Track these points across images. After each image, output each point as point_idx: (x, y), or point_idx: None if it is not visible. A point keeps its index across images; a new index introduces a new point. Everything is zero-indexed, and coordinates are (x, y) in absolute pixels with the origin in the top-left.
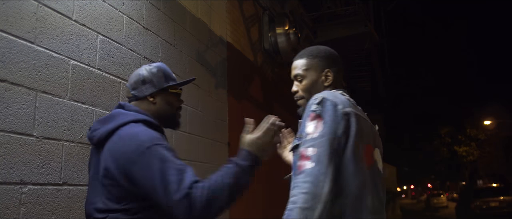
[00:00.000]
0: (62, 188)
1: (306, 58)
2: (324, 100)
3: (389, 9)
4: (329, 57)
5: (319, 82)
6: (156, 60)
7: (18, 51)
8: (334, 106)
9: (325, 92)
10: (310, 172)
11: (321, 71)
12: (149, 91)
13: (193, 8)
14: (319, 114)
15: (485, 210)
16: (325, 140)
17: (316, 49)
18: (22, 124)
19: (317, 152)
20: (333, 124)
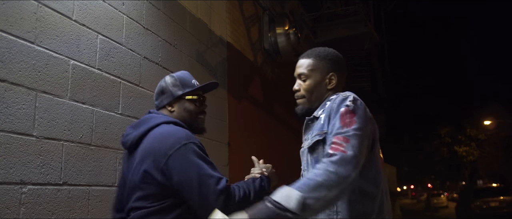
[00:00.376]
0: (62, 188)
1: (313, 58)
2: (355, 99)
3: (389, 9)
4: (336, 60)
5: (322, 85)
6: (156, 60)
7: (18, 51)
8: (364, 107)
9: (349, 93)
10: (342, 155)
11: (326, 74)
12: (167, 101)
13: (193, 8)
14: (352, 110)
15: (485, 210)
16: (359, 134)
17: (324, 51)
18: (22, 124)
19: (352, 142)
20: (365, 122)
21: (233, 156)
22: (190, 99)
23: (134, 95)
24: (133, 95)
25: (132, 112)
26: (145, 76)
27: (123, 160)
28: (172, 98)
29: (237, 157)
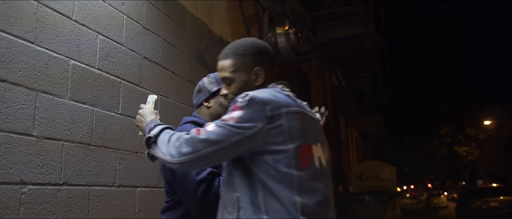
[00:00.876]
0: (62, 188)
1: (232, 58)
2: (252, 96)
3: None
4: (257, 53)
5: (249, 83)
6: (156, 60)
7: (18, 51)
8: (262, 105)
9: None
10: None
11: (251, 71)
12: (204, 97)
13: (193, 8)
14: (241, 106)
15: (485, 210)
16: (229, 128)
17: (242, 46)
18: (22, 124)
19: (215, 131)
20: (247, 121)
21: None
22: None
23: (134, 95)
24: (133, 95)
25: (132, 111)
26: (145, 76)
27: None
28: (209, 95)
29: None
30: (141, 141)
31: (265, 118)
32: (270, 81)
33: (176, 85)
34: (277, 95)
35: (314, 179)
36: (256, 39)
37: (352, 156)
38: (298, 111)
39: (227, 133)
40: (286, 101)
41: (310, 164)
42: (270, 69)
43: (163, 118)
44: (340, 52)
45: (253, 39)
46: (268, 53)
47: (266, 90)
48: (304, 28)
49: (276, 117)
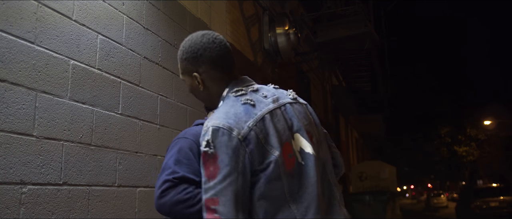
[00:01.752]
0: (62, 188)
1: (178, 60)
2: (214, 131)
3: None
4: (191, 57)
5: (196, 89)
6: (156, 60)
7: (18, 51)
8: (228, 135)
9: (216, 113)
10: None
11: (191, 76)
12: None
13: (193, 8)
14: (212, 153)
15: (485, 210)
16: (227, 183)
17: (183, 48)
18: (22, 124)
19: (222, 202)
20: (232, 159)
21: None
22: None
23: (134, 95)
24: (133, 95)
25: (132, 111)
26: (145, 76)
27: None
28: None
29: None
30: (141, 141)
31: (240, 144)
32: (223, 84)
33: (176, 85)
34: (236, 111)
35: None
36: (199, 38)
37: (352, 156)
38: (263, 114)
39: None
40: (245, 113)
41: (296, 161)
42: (215, 74)
43: (163, 118)
44: (340, 52)
45: (192, 38)
46: (207, 56)
47: (220, 112)
48: (304, 28)
49: (247, 135)
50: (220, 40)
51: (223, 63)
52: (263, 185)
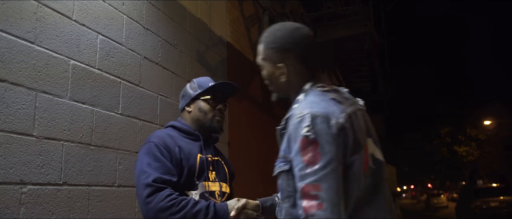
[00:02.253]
0: (62, 188)
1: (263, 45)
2: (313, 118)
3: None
4: (283, 47)
5: (275, 77)
6: (156, 60)
7: (18, 51)
8: (327, 123)
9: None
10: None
11: (275, 65)
12: (185, 102)
13: (193, 8)
14: (313, 139)
15: (485, 210)
16: (329, 170)
17: (273, 35)
18: (22, 124)
19: (325, 188)
20: (333, 146)
21: (233, 156)
22: (204, 99)
23: (134, 95)
24: (133, 95)
25: (132, 111)
26: (145, 76)
27: None
28: (189, 100)
29: (237, 157)
30: (141, 141)
31: (337, 133)
32: (305, 79)
33: (176, 85)
34: (327, 104)
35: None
36: (290, 29)
37: None
38: (350, 111)
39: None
40: (336, 107)
41: (368, 164)
42: (300, 68)
43: (163, 118)
44: (340, 52)
45: (285, 29)
46: (298, 49)
47: (313, 102)
48: None
49: (342, 126)
50: (312, 36)
51: (311, 59)
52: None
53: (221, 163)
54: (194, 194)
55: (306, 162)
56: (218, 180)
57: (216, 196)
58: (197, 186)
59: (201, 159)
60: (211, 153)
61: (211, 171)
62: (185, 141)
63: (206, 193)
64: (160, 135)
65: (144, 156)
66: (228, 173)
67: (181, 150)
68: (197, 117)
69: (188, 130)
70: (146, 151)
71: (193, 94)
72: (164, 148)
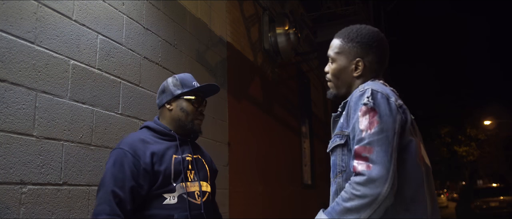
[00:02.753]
0: (62, 188)
1: (342, 39)
2: (374, 92)
3: (389, 9)
4: (367, 44)
5: (347, 71)
6: (156, 60)
7: (18, 51)
8: (386, 99)
9: (370, 83)
10: (369, 174)
11: (353, 59)
12: (166, 99)
13: (193, 8)
14: (372, 107)
15: (485, 210)
16: (384, 136)
17: (356, 32)
18: (22, 124)
19: (376, 151)
20: (390, 118)
21: (233, 156)
22: (188, 99)
23: (134, 95)
24: (133, 95)
25: (132, 112)
26: (145, 76)
27: None
28: (171, 97)
29: (237, 157)
30: None
31: (396, 108)
32: (369, 77)
33: None
34: (387, 89)
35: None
36: (377, 31)
37: None
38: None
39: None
40: (394, 95)
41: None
42: (374, 67)
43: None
44: None
45: (373, 31)
46: (379, 49)
47: (375, 83)
48: (304, 28)
49: (399, 108)
50: (387, 42)
51: (384, 61)
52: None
53: (201, 161)
54: (171, 197)
55: (363, 127)
56: (197, 180)
57: (196, 196)
58: (175, 188)
59: (176, 159)
60: (189, 152)
61: (190, 170)
62: (159, 143)
63: (184, 195)
64: (130, 141)
65: (111, 167)
66: (209, 170)
67: (153, 156)
68: (178, 117)
69: (163, 131)
70: (114, 158)
71: (176, 93)
72: (132, 156)
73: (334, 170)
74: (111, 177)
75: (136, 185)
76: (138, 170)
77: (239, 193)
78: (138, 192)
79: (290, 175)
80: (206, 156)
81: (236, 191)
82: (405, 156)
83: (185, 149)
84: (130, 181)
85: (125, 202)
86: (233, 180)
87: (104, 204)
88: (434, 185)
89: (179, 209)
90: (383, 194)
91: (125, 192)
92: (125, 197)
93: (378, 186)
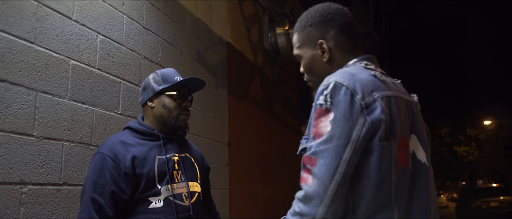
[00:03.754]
0: (62, 188)
1: (297, 32)
2: (336, 87)
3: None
4: (320, 21)
5: (316, 60)
6: (156, 60)
7: (18, 51)
8: (350, 96)
9: (341, 71)
10: (307, 191)
11: (315, 45)
12: (148, 96)
13: (193, 8)
14: (327, 108)
15: (485, 210)
16: (332, 147)
17: (306, 17)
18: (22, 124)
19: (319, 164)
20: (347, 122)
21: (233, 156)
22: (169, 95)
23: (134, 95)
24: (133, 95)
25: (132, 112)
26: (145, 76)
27: None
28: (153, 94)
29: (237, 157)
30: None
31: (361, 111)
32: (349, 56)
33: None
34: (363, 77)
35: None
36: (327, 4)
37: None
38: (391, 95)
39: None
40: (373, 84)
41: (407, 163)
42: (343, 42)
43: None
44: None
45: (322, 5)
46: (336, 21)
47: (346, 71)
48: None
49: (371, 104)
50: (346, 10)
51: (350, 31)
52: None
53: (190, 160)
54: (157, 200)
55: (314, 133)
56: (185, 180)
57: (183, 198)
58: (160, 191)
59: (160, 160)
60: (175, 151)
61: (177, 170)
62: (142, 144)
63: (170, 197)
64: (110, 145)
65: (91, 172)
66: (198, 169)
67: (134, 159)
68: (160, 114)
69: (145, 131)
70: (94, 163)
71: (157, 89)
72: (112, 160)
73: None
74: (91, 183)
75: (117, 189)
76: (119, 174)
77: (239, 193)
78: (120, 196)
79: (290, 175)
80: (195, 154)
81: (236, 191)
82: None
83: (170, 148)
84: (111, 185)
85: (105, 208)
86: (233, 180)
87: (83, 212)
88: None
89: (165, 213)
90: (319, 217)
91: (106, 198)
92: (106, 203)
93: (315, 206)
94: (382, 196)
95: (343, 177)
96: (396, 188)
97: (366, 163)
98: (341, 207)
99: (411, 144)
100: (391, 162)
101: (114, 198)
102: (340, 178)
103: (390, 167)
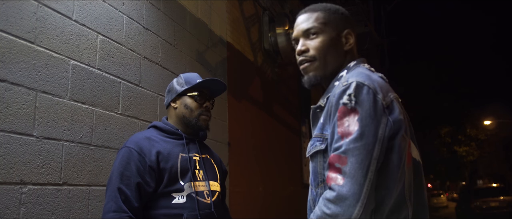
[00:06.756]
0: (62, 188)
1: (321, 11)
2: (359, 86)
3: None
4: (345, 17)
5: (338, 44)
6: (156, 60)
7: (18, 51)
8: (373, 95)
9: (356, 73)
10: (339, 191)
11: (341, 31)
12: (171, 98)
13: (193, 8)
14: (353, 107)
15: (485, 210)
16: (362, 145)
17: (331, 5)
18: (22, 124)
19: (351, 162)
20: (374, 121)
21: (233, 156)
22: (191, 95)
23: (134, 95)
24: (133, 95)
25: (132, 111)
26: (145, 76)
27: None
28: (176, 95)
29: (237, 157)
30: None
31: (383, 110)
32: (355, 54)
33: None
34: (376, 79)
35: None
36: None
37: None
38: (397, 96)
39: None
40: (384, 84)
41: (411, 160)
42: (353, 38)
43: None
44: None
45: (336, 6)
46: (353, 24)
47: (361, 72)
48: None
49: (390, 105)
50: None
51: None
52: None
53: (210, 161)
54: (180, 196)
55: (340, 133)
56: (206, 179)
57: (205, 195)
58: (183, 187)
59: (183, 158)
60: (197, 151)
61: (198, 169)
62: (166, 142)
63: (193, 193)
64: (136, 140)
65: (117, 165)
66: (218, 170)
67: (159, 154)
68: (182, 114)
69: (170, 130)
70: (121, 156)
71: (180, 90)
72: (138, 154)
73: (316, 179)
74: (118, 174)
75: (143, 181)
76: (144, 167)
77: (239, 193)
78: (145, 189)
79: (290, 175)
80: (215, 157)
81: (236, 191)
82: (391, 161)
83: (192, 148)
84: (136, 177)
85: (131, 199)
86: (233, 180)
87: (111, 202)
88: (423, 181)
89: (188, 209)
90: (355, 216)
91: (132, 189)
92: (132, 194)
93: (350, 206)
94: (400, 194)
95: (374, 175)
96: (408, 186)
97: (389, 161)
98: (372, 206)
99: (412, 146)
100: (405, 161)
101: (139, 190)
102: (372, 176)
103: (404, 165)
